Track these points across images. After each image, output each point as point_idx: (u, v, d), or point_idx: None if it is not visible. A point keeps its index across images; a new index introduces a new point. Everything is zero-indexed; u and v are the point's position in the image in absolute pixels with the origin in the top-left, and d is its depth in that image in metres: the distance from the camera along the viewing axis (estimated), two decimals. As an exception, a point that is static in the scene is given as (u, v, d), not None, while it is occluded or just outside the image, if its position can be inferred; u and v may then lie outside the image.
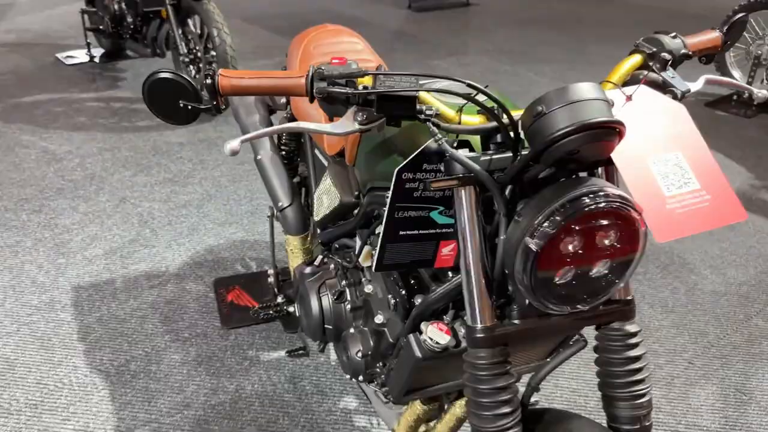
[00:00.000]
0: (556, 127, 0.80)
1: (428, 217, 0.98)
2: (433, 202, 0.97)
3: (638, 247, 0.88)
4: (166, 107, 0.92)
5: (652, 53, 1.05)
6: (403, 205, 0.94)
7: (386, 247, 0.96)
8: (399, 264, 1.00)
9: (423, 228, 0.98)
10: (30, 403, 1.88)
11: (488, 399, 0.92)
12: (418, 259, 1.01)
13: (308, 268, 1.51)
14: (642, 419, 0.97)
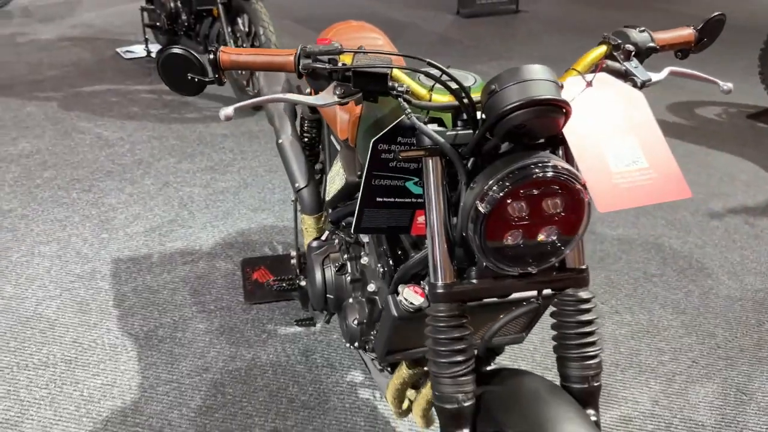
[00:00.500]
0: (506, 102, 0.90)
1: (404, 186, 1.09)
2: (408, 173, 1.08)
3: (582, 217, 0.97)
4: (176, 79, 1.06)
5: (616, 44, 1.14)
6: (379, 174, 1.06)
7: (364, 211, 1.08)
8: (377, 228, 1.11)
9: (399, 196, 1.09)
10: (65, 359, 2.07)
11: (444, 348, 1.02)
12: (394, 225, 1.12)
13: (315, 242, 1.64)
14: (590, 379, 1.05)
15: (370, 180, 1.05)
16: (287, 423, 1.86)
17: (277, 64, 1.03)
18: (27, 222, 2.81)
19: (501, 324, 1.06)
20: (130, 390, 1.96)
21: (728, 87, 1.18)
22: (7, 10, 6.42)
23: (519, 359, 2.13)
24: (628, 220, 2.97)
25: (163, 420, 1.86)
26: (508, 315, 1.06)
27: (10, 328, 2.19)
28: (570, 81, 1.03)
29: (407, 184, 1.09)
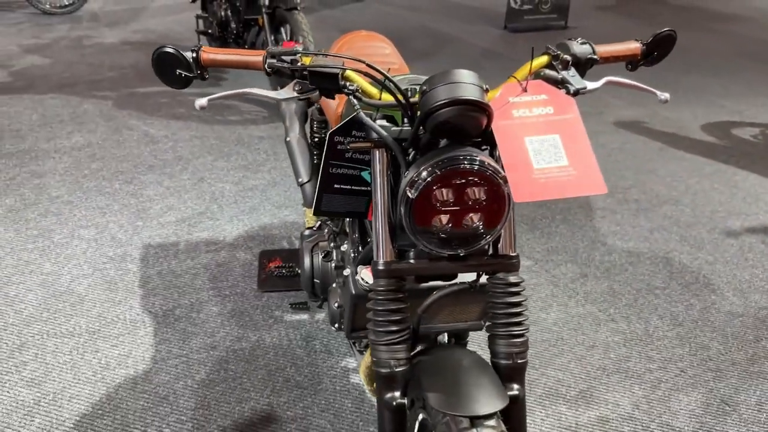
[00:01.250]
0: (433, 101, 1.03)
1: (360, 175, 1.22)
2: (363, 163, 1.22)
3: (503, 207, 1.09)
4: (167, 74, 1.23)
5: (555, 55, 1.25)
6: (336, 163, 1.20)
7: (323, 196, 1.22)
8: (335, 212, 1.25)
9: (355, 184, 1.23)
10: (89, 330, 2.27)
11: (382, 318, 1.15)
12: (351, 210, 1.25)
13: (308, 231, 1.79)
14: (515, 355, 1.16)
15: (327, 168, 1.19)
16: (280, 399, 2.01)
17: (249, 63, 1.19)
18: (71, 208, 3.06)
19: (434, 299, 1.18)
20: (143, 360, 2.14)
21: (665, 97, 1.27)
22: (78, 14, 6.87)
23: (508, 357, 2.21)
24: (641, 234, 3.01)
25: (168, 389, 2.03)
26: (439, 293, 1.18)
27: (44, 300, 2.42)
28: (508, 86, 1.14)
29: (363, 173, 1.22)
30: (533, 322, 2.40)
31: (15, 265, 2.62)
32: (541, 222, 3.09)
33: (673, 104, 4.76)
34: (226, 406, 1.98)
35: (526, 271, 2.70)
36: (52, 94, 4.50)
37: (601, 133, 4.20)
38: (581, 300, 2.53)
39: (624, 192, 3.42)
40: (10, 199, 3.12)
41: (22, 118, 4.10)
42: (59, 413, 1.93)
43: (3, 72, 4.96)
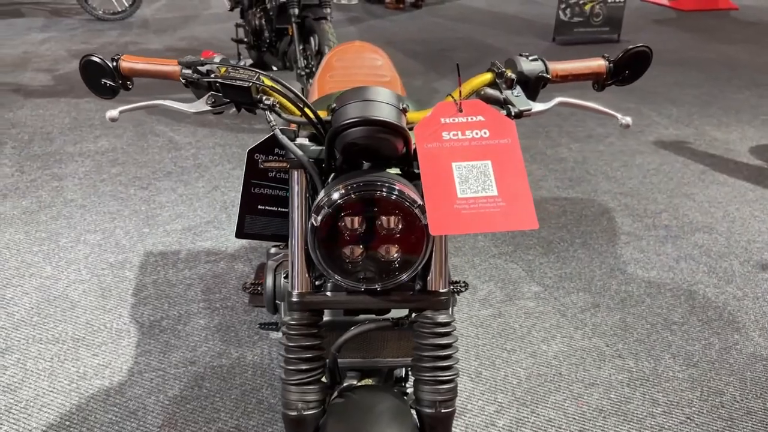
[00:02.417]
0: (341, 119, 0.93)
1: (286, 197, 1.13)
2: (288, 184, 1.13)
3: (421, 239, 0.97)
4: (94, 83, 1.17)
5: (500, 72, 1.13)
6: (258, 182, 1.11)
7: (245, 218, 1.13)
8: (259, 234, 1.16)
9: (281, 206, 1.14)
10: (74, 337, 2.26)
11: (293, 356, 1.05)
12: (278, 233, 1.16)
13: (274, 249, 1.71)
14: (439, 404, 1.04)
15: (249, 187, 1.11)
16: (249, 422, 1.93)
17: (166, 72, 1.12)
18: (83, 212, 3.08)
19: (350, 335, 1.07)
20: (120, 372, 2.11)
21: (627, 121, 1.13)
22: (129, 21, 7.05)
23: (498, 391, 2.08)
24: (665, 264, 2.81)
25: (139, 404, 1.99)
26: (356, 329, 1.07)
27: (37, 304, 2.42)
28: (441, 105, 1.03)
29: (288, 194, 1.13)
30: (532, 353, 2.25)
31: (17, 267, 2.64)
32: (559, 245, 2.93)
33: (722, 124, 4.49)
34: (193, 425, 1.91)
35: (533, 297, 2.55)
36: (88, 98, 4.60)
37: (638, 153, 3.98)
38: (588, 332, 2.37)
39: (654, 217, 3.21)
40: (26, 201, 3.17)
41: (55, 121, 4.20)
42: (27, 422, 1.91)
43: (47, 76, 5.11)
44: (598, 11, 6.74)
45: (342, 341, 1.08)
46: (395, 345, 1.26)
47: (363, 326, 1.07)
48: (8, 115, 4.33)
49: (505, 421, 1.96)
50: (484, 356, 2.23)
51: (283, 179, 1.12)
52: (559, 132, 4.30)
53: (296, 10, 4.03)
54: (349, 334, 1.07)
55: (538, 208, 3.27)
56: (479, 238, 2.96)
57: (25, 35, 6.51)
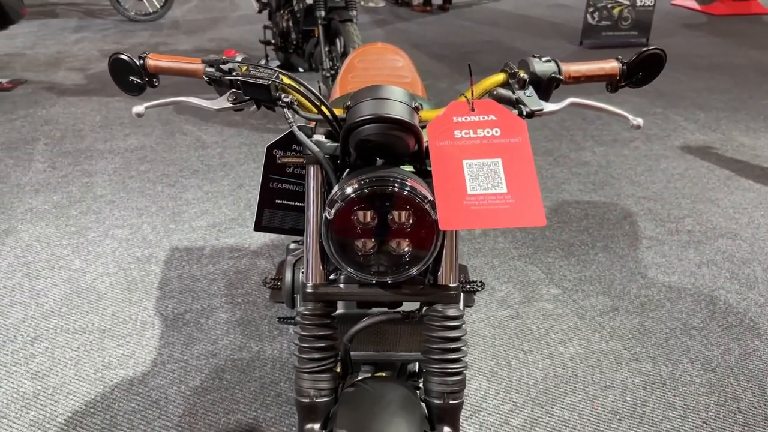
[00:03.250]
0: (355, 116, 0.96)
1: (303, 192, 1.17)
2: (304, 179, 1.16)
3: (432, 234, 1.00)
4: (122, 80, 1.22)
5: (513, 73, 1.15)
6: (276, 177, 1.15)
7: (264, 212, 1.17)
8: (277, 228, 1.20)
9: (298, 200, 1.18)
10: (100, 328, 2.32)
11: (306, 344, 1.08)
12: (294, 227, 1.20)
13: (293, 244, 1.75)
14: (447, 395, 1.06)
15: (267, 182, 1.15)
16: (267, 414, 1.97)
17: (190, 70, 1.16)
18: (111, 207, 3.16)
19: (362, 326, 1.10)
20: (144, 363, 2.17)
21: (638, 122, 1.14)
22: (160, 22, 7.18)
23: (514, 391, 2.10)
24: (687, 269, 2.79)
25: (161, 393, 2.04)
26: (367, 321, 1.10)
27: (66, 296, 2.49)
28: (454, 104, 1.06)
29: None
30: (549, 355, 2.26)
31: (47, 260, 2.72)
32: (579, 249, 2.93)
33: (750, 130, 4.43)
34: (213, 416, 1.96)
35: (551, 299, 2.56)
36: (118, 97, 4.70)
37: (663, 158, 3.95)
38: (606, 335, 2.37)
39: (677, 222, 3.19)
40: (58, 196, 3.26)
41: (86, 119, 4.30)
42: (54, 408, 1.98)
43: (80, 75, 5.24)
44: (627, 15, 6.70)
45: (354, 332, 1.11)
46: (408, 339, 1.29)
47: (374, 318, 1.10)
48: (41, 112, 4.45)
49: (519, 421, 1.98)
50: (500, 356, 2.24)
51: (299, 174, 1.16)
52: (584, 135, 4.28)
53: (322, 12, 4.08)
54: (360, 325, 1.10)
55: (560, 211, 3.27)
56: (499, 239, 2.98)
57: (58, 35, 6.67)
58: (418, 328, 1.18)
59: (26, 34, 6.67)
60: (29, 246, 2.83)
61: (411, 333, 1.28)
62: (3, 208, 3.15)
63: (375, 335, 1.29)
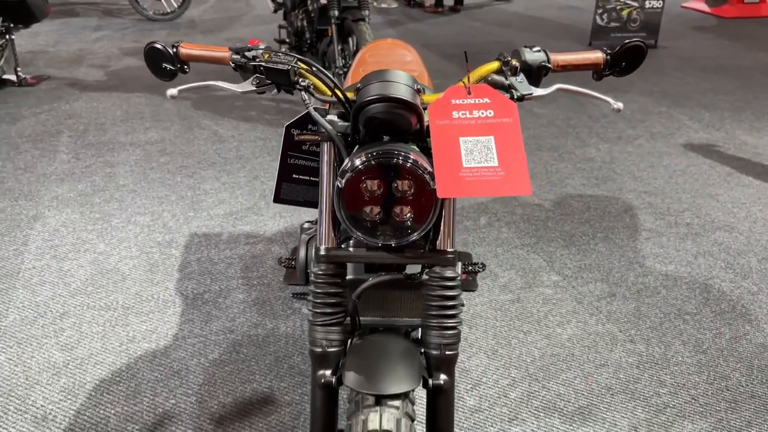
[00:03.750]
0: (364, 96, 1.10)
1: (317, 167, 1.30)
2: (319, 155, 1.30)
3: (430, 201, 1.13)
4: (156, 67, 1.36)
5: (506, 61, 1.28)
6: (294, 154, 1.29)
7: (282, 185, 1.31)
8: (294, 200, 1.34)
9: (313, 175, 1.31)
10: (125, 306, 2.47)
11: (319, 300, 1.22)
12: (309, 200, 1.34)
13: (307, 224, 1.88)
14: (444, 347, 1.20)
15: (285, 158, 1.28)
16: (281, 384, 2.11)
17: (218, 58, 1.30)
18: (133, 196, 3.32)
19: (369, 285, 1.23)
20: (165, 337, 2.31)
21: (618, 106, 1.27)
22: (178, 21, 7.36)
23: (513, 367, 2.22)
24: (684, 259, 2.91)
25: (182, 364, 2.19)
26: (373, 280, 1.23)
27: (91, 276, 2.65)
28: (453, 88, 1.19)
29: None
30: (547, 336, 2.38)
31: (73, 243, 2.88)
32: (580, 239, 3.05)
33: (754, 129, 4.53)
34: (230, 385, 2.10)
35: (551, 285, 2.68)
36: (138, 93, 4.87)
37: (666, 155, 4.06)
38: (603, 319, 2.49)
39: (676, 215, 3.30)
40: (82, 185, 3.42)
41: (108, 113, 4.47)
42: (83, 376, 2.12)
43: (100, 72, 5.42)
44: (636, 17, 6.80)
45: (362, 289, 1.24)
46: (410, 306, 1.42)
47: (380, 277, 1.23)
48: (65, 107, 4.62)
49: (517, 394, 2.10)
50: (501, 336, 2.37)
51: (314, 152, 1.29)
52: (589, 133, 4.40)
53: (336, 12, 4.22)
54: (367, 284, 1.23)
55: (563, 203, 3.39)
56: (503, 230, 3.10)
57: (79, 34, 6.86)
58: (420, 295, 1.31)
59: (48, 32, 6.87)
60: (56, 230, 2.99)
61: (413, 299, 1.41)
62: (30, 195, 3.31)
63: (381, 301, 1.42)
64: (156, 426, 1.93)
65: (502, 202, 3.39)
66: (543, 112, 4.80)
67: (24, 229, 3.00)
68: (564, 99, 5.09)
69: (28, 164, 3.68)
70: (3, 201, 3.25)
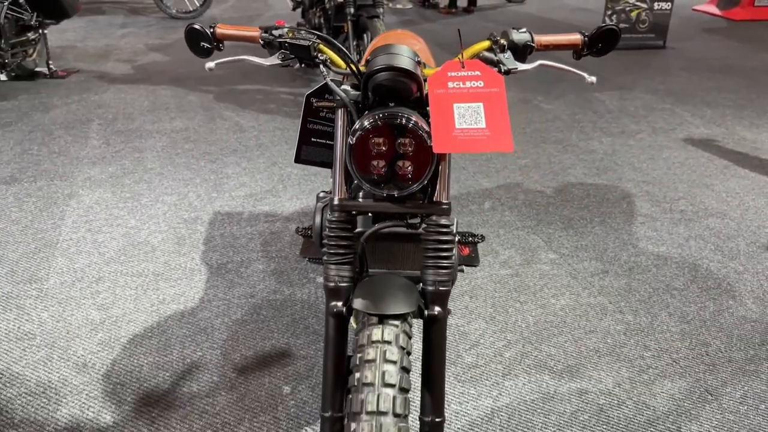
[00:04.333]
0: (373, 66, 1.31)
1: (332, 132, 1.52)
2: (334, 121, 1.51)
3: (427, 158, 1.34)
4: (195, 46, 1.58)
5: (495, 40, 1.49)
6: (313, 120, 1.50)
7: (302, 147, 1.53)
8: (313, 161, 1.55)
9: (329, 139, 1.53)
10: (155, 273, 2.70)
11: (332, 242, 1.43)
12: (325, 161, 1.55)
13: (323, 192, 2.10)
14: (438, 283, 1.40)
15: (305, 124, 1.50)
16: (297, 341, 2.33)
17: (250, 37, 1.52)
18: (161, 178, 3.56)
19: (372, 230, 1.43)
20: (192, 300, 2.54)
21: (592, 80, 1.47)
22: (200, 19, 7.63)
23: (508, 331, 2.42)
24: (676, 241, 3.09)
25: (208, 323, 2.41)
26: (378, 225, 1.44)
27: (124, 247, 2.88)
28: (449, 63, 1.40)
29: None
30: (542, 305, 2.58)
31: (106, 219, 3.12)
32: (578, 222, 3.24)
33: (754, 125, 4.69)
34: (251, 341, 2.32)
35: (548, 263, 2.88)
36: (164, 86, 5.12)
37: (666, 148, 4.24)
38: (595, 292, 2.68)
39: (671, 203, 3.48)
40: (113, 167, 3.66)
41: (135, 104, 4.73)
42: (117, 332, 2.35)
43: (128, 66, 5.68)
44: (644, 18, 6.97)
45: (369, 233, 1.44)
46: (412, 259, 1.63)
47: (384, 223, 1.44)
48: (94, 97, 4.88)
49: (511, 353, 2.30)
50: (498, 305, 2.57)
51: (330, 118, 1.50)
52: (593, 127, 4.58)
53: (352, 10, 4.45)
54: (373, 228, 1.44)
55: (564, 191, 3.58)
56: (506, 213, 3.30)
57: (106, 30, 7.15)
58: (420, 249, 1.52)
59: (76, 29, 7.16)
60: (90, 207, 3.23)
61: (415, 252, 1.62)
62: (65, 176, 3.56)
63: (386, 254, 1.63)
64: (185, 373, 2.16)
65: (506, 189, 3.59)
66: (550, 107, 4.99)
67: (60, 205, 3.24)
68: (571, 95, 5.28)
69: (62, 149, 3.93)
70: (40, 181, 3.50)
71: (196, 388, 2.09)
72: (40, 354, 2.22)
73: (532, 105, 5.02)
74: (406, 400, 1.23)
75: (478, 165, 3.90)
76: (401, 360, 1.26)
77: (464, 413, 2.03)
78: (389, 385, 1.21)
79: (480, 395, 2.10)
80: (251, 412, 2.00)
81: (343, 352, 1.43)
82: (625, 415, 2.05)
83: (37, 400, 2.02)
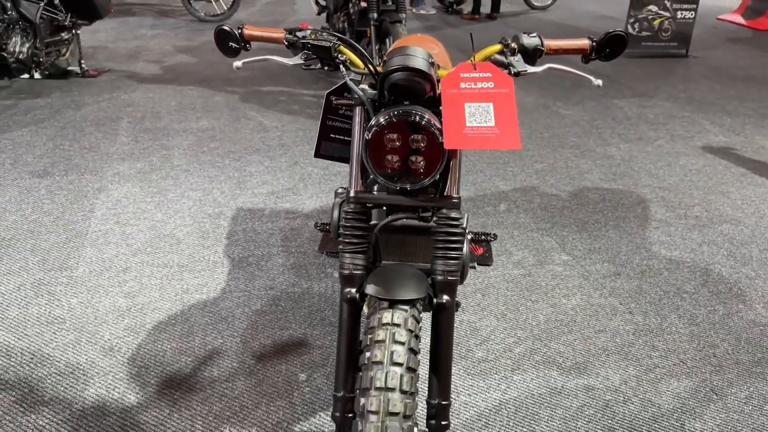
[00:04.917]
0: (389, 66, 1.39)
1: (350, 129, 1.60)
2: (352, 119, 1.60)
3: (439, 154, 1.42)
4: (223, 45, 1.68)
5: (506, 44, 1.57)
6: (332, 117, 1.59)
7: (321, 143, 1.62)
8: (331, 156, 1.64)
9: (347, 136, 1.62)
10: (179, 264, 2.81)
11: (348, 232, 1.51)
12: (343, 156, 1.64)
13: (341, 188, 2.19)
14: (447, 273, 1.48)
15: (325, 120, 1.59)
16: (314, 332, 2.42)
17: (275, 38, 1.62)
18: (187, 175, 3.68)
19: (384, 222, 1.52)
20: (215, 290, 2.64)
21: (598, 83, 1.54)
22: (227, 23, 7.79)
23: (519, 329, 2.48)
24: (689, 246, 3.13)
25: (229, 312, 2.51)
26: (393, 217, 1.52)
27: (150, 240, 3.00)
28: (462, 65, 1.48)
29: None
30: (553, 305, 2.64)
31: (134, 212, 3.24)
32: (593, 226, 3.29)
33: None
34: (270, 330, 2.41)
35: (561, 264, 2.94)
36: (191, 86, 5.26)
37: (683, 155, 4.27)
38: (606, 293, 2.74)
39: (686, 209, 3.52)
40: (141, 164, 3.79)
41: (163, 103, 4.87)
42: (143, 318, 2.46)
43: (156, 66, 5.84)
44: (667, 26, 6.98)
45: (382, 224, 1.53)
46: (424, 251, 1.71)
47: (396, 215, 1.52)
48: (124, 96, 5.03)
49: (520, 349, 2.37)
50: (510, 303, 2.64)
51: (348, 116, 1.58)
52: (611, 133, 4.63)
53: (375, 14, 4.55)
54: (387, 219, 1.53)
55: (579, 195, 3.64)
56: (521, 215, 3.37)
57: (136, 32, 7.33)
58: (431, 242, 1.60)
59: (107, 30, 7.35)
60: (118, 201, 3.36)
61: (426, 245, 1.70)
62: (95, 171, 3.70)
63: (399, 246, 1.71)
64: (206, 359, 2.26)
65: (522, 192, 3.65)
66: (569, 113, 5.04)
67: (90, 199, 3.37)
68: (590, 102, 5.32)
69: (92, 145, 4.07)
70: (71, 175, 3.64)
71: (216, 373, 2.19)
72: (70, 337, 2.34)
73: (551, 110, 5.08)
74: (413, 379, 1.31)
75: (495, 168, 3.97)
76: (409, 341, 1.34)
77: (473, 404, 2.10)
78: (397, 364, 1.29)
79: (489, 388, 2.17)
80: (268, 397, 2.09)
81: (355, 336, 1.52)
82: (631, 411, 2.10)
83: (66, 380, 2.13)
